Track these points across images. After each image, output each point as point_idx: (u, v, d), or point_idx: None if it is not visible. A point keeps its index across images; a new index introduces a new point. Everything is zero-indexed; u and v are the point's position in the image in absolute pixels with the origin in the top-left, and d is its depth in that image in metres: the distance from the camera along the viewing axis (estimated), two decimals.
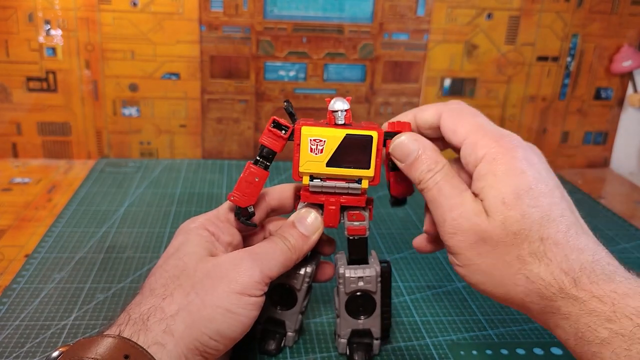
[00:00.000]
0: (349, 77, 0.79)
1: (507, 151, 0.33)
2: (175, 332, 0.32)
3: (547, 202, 0.32)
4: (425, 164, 0.36)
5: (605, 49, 0.81)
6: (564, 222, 0.32)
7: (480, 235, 0.33)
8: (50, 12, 0.71)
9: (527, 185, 0.32)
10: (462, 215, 0.33)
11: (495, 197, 0.32)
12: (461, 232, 0.33)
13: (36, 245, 0.56)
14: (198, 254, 0.36)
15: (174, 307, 0.33)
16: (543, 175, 0.33)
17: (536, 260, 0.31)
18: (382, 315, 0.41)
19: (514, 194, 0.32)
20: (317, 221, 0.39)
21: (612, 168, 0.87)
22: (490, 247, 0.32)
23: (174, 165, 0.78)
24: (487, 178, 0.33)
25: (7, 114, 0.75)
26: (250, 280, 0.34)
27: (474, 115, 0.37)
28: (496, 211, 0.32)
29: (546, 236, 0.31)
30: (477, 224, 0.33)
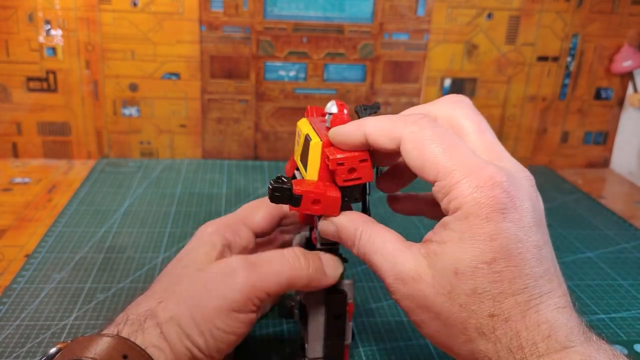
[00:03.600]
0: (349, 77, 0.79)
1: (482, 209, 0.27)
2: (168, 340, 0.32)
3: (509, 276, 0.27)
4: (348, 239, 0.33)
5: (605, 49, 0.81)
6: (524, 296, 0.27)
7: (421, 302, 0.29)
8: (50, 12, 0.71)
9: (491, 256, 0.27)
10: (397, 281, 0.30)
11: (450, 265, 0.28)
12: (400, 298, 0.30)
13: (36, 245, 0.56)
14: (201, 262, 0.35)
15: (167, 313, 0.32)
16: (519, 236, 0.28)
17: (483, 338, 0.28)
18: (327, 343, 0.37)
19: (470, 266, 0.27)
20: (339, 270, 0.36)
21: (612, 168, 0.87)
22: (433, 314, 0.29)
23: (174, 165, 0.78)
24: (451, 236, 0.28)
25: (7, 114, 0.75)
26: (240, 296, 0.32)
27: (446, 142, 0.29)
28: (444, 280, 0.28)
29: (498, 312, 0.27)
30: (418, 287, 0.29)
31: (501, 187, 0.28)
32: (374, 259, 0.31)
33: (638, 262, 0.59)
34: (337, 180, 0.32)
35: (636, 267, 0.58)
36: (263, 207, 0.40)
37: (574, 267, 0.57)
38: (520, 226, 0.28)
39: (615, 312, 0.50)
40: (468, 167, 0.28)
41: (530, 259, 0.28)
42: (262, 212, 0.40)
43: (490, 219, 0.27)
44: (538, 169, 0.85)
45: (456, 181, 0.28)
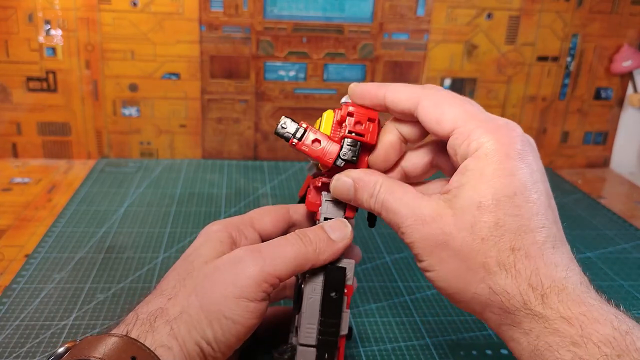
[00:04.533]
0: (349, 77, 0.79)
1: (502, 147, 0.30)
2: (178, 336, 0.31)
3: (528, 212, 0.29)
4: (365, 191, 0.34)
5: (605, 49, 0.81)
6: (542, 234, 0.29)
7: (440, 239, 0.30)
8: (50, 12, 0.71)
9: (512, 190, 0.29)
10: (417, 222, 0.31)
11: (471, 199, 0.29)
12: (418, 240, 0.31)
13: (36, 245, 0.56)
14: (207, 255, 0.35)
15: (177, 309, 0.32)
16: (534, 178, 0.30)
17: (503, 271, 0.29)
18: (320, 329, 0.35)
19: (494, 198, 0.29)
20: (347, 229, 0.35)
21: (612, 168, 0.87)
22: (452, 251, 0.30)
23: (174, 165, 0.78)
24: (471, 175, 0.30)
25: (7, 114, 0.75)
26: (249, 282, 0.32)
27: (461, 101, 0.32)
28: (467, 213, 0.29)
29: (519, 247, 0.29)
30: (437, 225, 0.30)
31: (516, 132, 0.31)
32: (393, 205, 0.32)
33: (638, 262, 0.59)
34: (343, 130, 0.34)
35: (636, 267, 0.58)
36: (272, 211, 0.40)
37: None
38: (534, 170, 0.30)
39: None
40: (483, 117, 0.31)
41: (545, 202, 0.30)
42: (270, 216, 0.40)
43: (510, 156, 0.29)
44: None
45: (475, 126, 0.30)
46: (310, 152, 0.35)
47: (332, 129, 0.35)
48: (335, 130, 0.35)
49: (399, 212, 0.32)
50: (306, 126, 0.35)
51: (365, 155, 0.36)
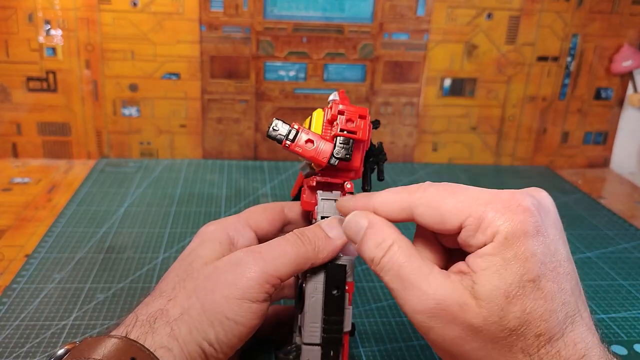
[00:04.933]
0: (349, 77, 0.79)
1: (518, 225, 0.28)
2: (179, 337, 0.31)
3: (551, 291, 0.27)
4: (377, 237, 0.31)
5: (605, 49, 0.81)
6: (563, 311, 0.28)
7: (470, 330, 0.28)
8: (50, 12, 0.71)
9: (535, 273, 0.27)
10: (443, 305, 0.28)
11: (498, 288, 0.27)
12: (443, 326, 0.28)
13: (36, 245, 0.56)
14: (206, 257, 0.35)
15: (178, 310, 0.32)
16: (553, 248, 0.28)
17: (527, 358, 0.27)
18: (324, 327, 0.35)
19: (519, 285, 0.27)
20: None
21: (612, 168, 0.87)
22: (481, 343, 0.28)
23: (174, 165, 0.78)
24: (493, 260, 0.28)
25: (7, 114, 0.75)
26: (250, 283, 0.32)
27: (452, 192, 0.30)
28: (494, 305, 0.27)
29: (544, 332, 0.27)
30: (466, 317, 0.27)
31: (527, 206, 0.28)
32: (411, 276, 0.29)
33: (638, 262, 0.59)
34: (334, 128, 0.34)
35: (636, 267, 0.58)
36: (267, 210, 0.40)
37: None
38: (552, 240, 0.29)
39: (616, 312, 0.50)
40: (486, 200, 0.29)
41: (563, 272, 0.28)
42: (266, 215, 0.40)
43: (528, 234, 0.28)
44: (538, 169, 0.85)
45: (482, 213, 0.28)
46: (304, 152, 0.34)
47: (323, 128, 0.35)
48: (327, 129, 0.35)
49: (418, 287, 0.29)
50: (298, 127, 0.35)
51: (358, 153, 0.36)
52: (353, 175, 0.37)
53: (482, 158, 0.85)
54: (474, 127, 0.83)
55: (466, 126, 0.83)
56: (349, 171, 0.36)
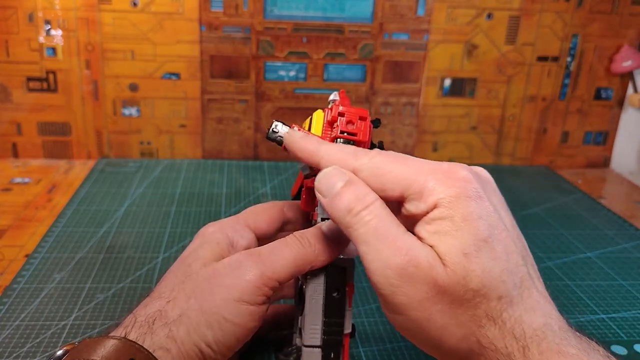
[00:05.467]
0: (349, 77, 0.79)
1: (460, 191, 0.28)
2: (177, 338, 0.31)
3: (504, 252, 0.28)
4: (359, 191, 0.30)
5: (605, 49, 0.81)
6: (518, 274, 0.28)
7: (436, 290, 0.27)
8: (50, 12, 0.71)
9: (484, 233, 0.28)
10: (415, 261, 0.27)
11: (456, 247, 0.27)
12: (412, 284, 0.27)
13: (36, 245, 0.56)
14: (206, 258, 0.35)
15: (177, 311, 0.32)
16: (497, 213, 0.29)
17: (492, 323, 0.27)
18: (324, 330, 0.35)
19: (474, 244, 0.27)
20: None
21: (612, 168, 0.87)
22: (446, 305, 0.27)
23: (174, 165, 0.78)
24: (440, 225, 0.28)
25: (7, 114, 0.75)
26: (249, 285, 0.32)
27: (395, 160, 0.30)
28: (456, 263, 0.27)
29: (504, 294, 0.27)
30: (433, 274, 0.27)
31: (465, 174, 0.29)
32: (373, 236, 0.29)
33: (638, 262, 0.59)
34: (335, 130, 0.34)
35: (636, 267, 0.58)
36: (266, 210, 0.40)
37: (574, 267, 0.57)
38: (496, 203, 0.30)
39: (616, 312, 0.50)
40: (427, 170, 0.29)
41: (510, 237, 0.29)
42: (265, 215, 0.40)
43: (471, 197, 0.28)
44: (538, 169, 0.85)
45: (424, 182, 0.29)
46: None
47: (323, 130, 0.35)
48: (327, 131, 0.35)
49: (393, 241, 0.28)
50: (298, 128, 0.35)
51: None
52: None
53: (482, 158, 0.85)
54: (474, 127, 0.83)
55: (466, 126, 0.83)
56: None
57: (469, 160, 0.84)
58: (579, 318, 0.49)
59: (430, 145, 0.83)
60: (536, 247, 0.60)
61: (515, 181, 0.79)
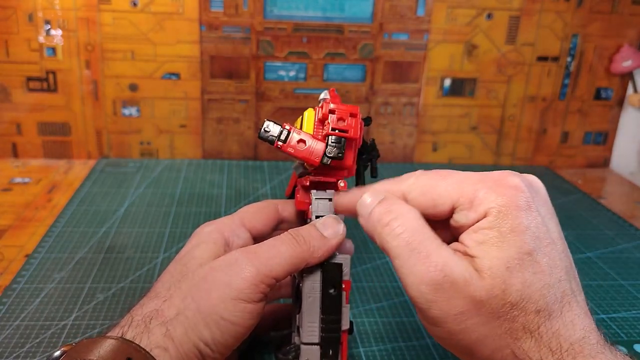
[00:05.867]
0: (349, 77, 0.79)
1: (510, 200, 0.28)
2: (174, 337, 0.31)
3: (548, 265, 0.28)
4: (390, 205, 0.31)
5: (605, 49, 0.81)
6: (560, 288, 0.28)
7: (473, 304, 0.27)
8: (50, 12, 0.71)
9: (530, 246, 0.28)
10: (450, 277, 0.27)
11: (499, 260, 0.27)
12: (447, 299, 0.27)
13: (36, 245, 0.56)
14: (202, 257, 0.35)
15: (173, 310, 0.32)
16: (546, 225, 0.29)
17: (528, 335, 0.27)
18: (322, 327, 0.35)
19: (517, 258, 0.27)
20: (340, 226, 0.35)
21: (612, 168, 0.87)
22: (483, 318, 0.27)
23: (174, 165, 0.78)
24: (489, 234, 0.28)
25: (7, 114, 0.75)
26: (246, 283, 0.32)
27: (442, 176, 0.31)
28: (497, 277, 0.27)
29: (543, 307, 0.27)
30: (470, 290, 0.27)
31: (517, 183, 0.29)
32: (407, 251, 0.29)
33: (638, 262, 0.59)
34: (326, 127, 0.34)
35: (636, 267, 0.58)
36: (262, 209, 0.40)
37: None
38: (544, 215, 0.29)
39: (616, 312, 0.50)
40: (476, 179, 0.30)
41: (557, 250, 0.29)
42: (260, 214, 0.40)
43: (520, 208, 0.28)
44: (538, 169, 0.85)
45: (474, 192, 0.29)
46: (296, 153, 0.35)
47: (314, 128, 0.36)
48: (318, 129, 0.35)
49: (427, 255, 0.28)
50: (289, 127, 0.35)
51: (350, 151, 0.36)
52: (346, 173, 0.37)
53: (482, 158, 0.85)
54: (474, 127, 0.83)
55: (466, 126, 0.83)
56: (342, 170, 0.36)
57: (469, 160, 0.84)
58: None
59: (430, 145, 0.83)
60: None
61: None
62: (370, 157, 0.39)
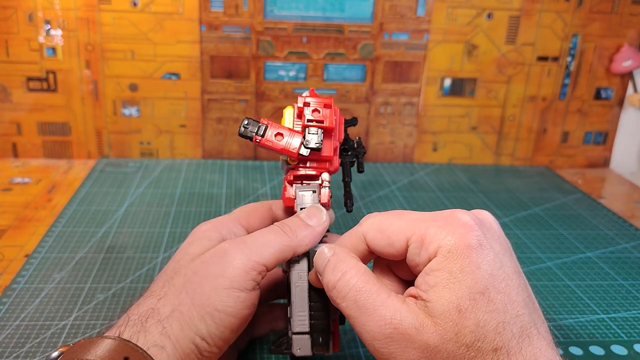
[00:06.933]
0: (349, 77, 0.79)
1: (460, 238, 0.28)
2: (171, 335, 0.31)
3: (502, 303, 0.27)
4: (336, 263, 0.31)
5: (605, 49, 0.81)
6: (517, 324, 0.27)
7: (428, 352, 0.27)
8: (50, 12, 0.71)
9: (483, 284, 0.27)
10: (400, 329, 0.27)
11: (450, 303, 0.27)
12: (401, 350, 0.27)
13: (36, 245, 0.56)
14: (194, 254, 0.35)
15: (168, 308, 0.32)
16: (500, 261, 0.28)
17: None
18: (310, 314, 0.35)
19: (470, 298, 0.27)
20: (322, 214, 0.36)
21: (612, 168, 0.87)
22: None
23: (174, 165, 0.78)
24: (440, 275, 0.28)
25: (7, 114, 0.75)
26: (237, 271, 0.32)
27: (398, 216, 0.31)
28: (449, 321, 0.27)
29: (500, 345, 0.27)
30: (423, 338, 0.27)
31: (467, 221, 0.29)
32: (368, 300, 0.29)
33: (638, 262, 0.59)
34: (302, 120, 0.36)
35: (636, 267, 0.58)
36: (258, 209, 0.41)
37: (574, 267, 0.57)
38: (497, 251, 0.29)
39: (616, 312, 0.50)
40: (428, 218, 0.30)
41: (513, 285, 0.28)
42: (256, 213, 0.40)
43: (471, 247, 0.28)
44: (538, 169, 0.85)
45: (425, 228, 0.29)
46: (274, 145, 0.36)
47: (294, 123, 0.37)
48: (296, 123, 0.37)
49: (374, 312, 0.28)
50: (267, 122, 0.36)
51: (329, 142, 0.37)
52: (328, 165, 0.37)
53: (482, 158, 0.85)
54: (474, 127, 0.83)
55: (466, 126, 0.83)
56: (323, 162, 0.37)
57: (469, 160, 0.84)
58: (579, 318, 0.49)
59: (431, 145, 0.83)
60: (536, 247, 0.60)
61: (515, 181, 0.79)
62: (356, 153, 0.40)
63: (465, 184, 0.77)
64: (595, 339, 0.46)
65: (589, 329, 0.47)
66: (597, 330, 0.47)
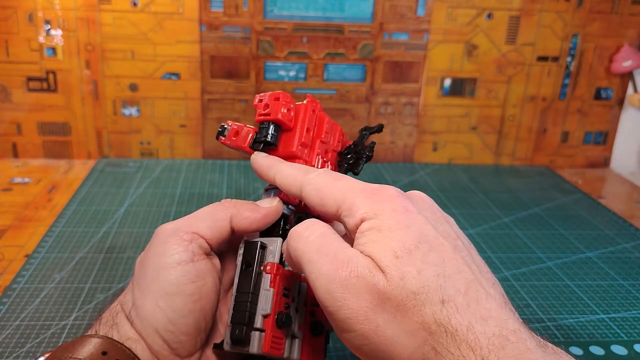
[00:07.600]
0: (349, 77, 0.79)
1: (385, 205, 0.29)
2: (137, 329, 0.32)
3: (439, 257, 0.27)
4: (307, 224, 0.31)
5: (605, 49, 0.81)
6: (461, 281, 0.27)
7: (379, 298, 0.26)
8: (50, 12, 0.71)
9: (414, 240, 0.27)
10: (356, 272, 0.27)
11: (386, 251, 0.27)
12: (355, 296, 0.27)
13: (36, 245, 0.56)
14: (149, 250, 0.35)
15: (129, 303, 0.33)
16: (430, 226, 0.29)
17: (442, 330, 0.26)
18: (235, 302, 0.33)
19: (403, 248, 0.27)
20: (274, 201, 0.36)
21: (612, 168, 0.87)
22: (391, 313, 0.26)
23: (174, 165, 0.78)
24: (369, 235, 0.28)
25: (7, 114, 0.75)
26: (168, 245, 0.32)
27: (340, 178, 0.32)
28: (391, 266, 0.27)
29: (446, 298, 0.26)
30: (374, 281, 0.27)
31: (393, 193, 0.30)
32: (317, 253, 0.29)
33: (638, 262, 0.59)
34: (256, 117, 0.37)
35: (636, 267, 0.58)
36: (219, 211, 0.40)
37: (574, 267, 0.57)
38: (428, 218, 0.30)
39: (616, 312, 0.50)
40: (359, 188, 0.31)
41: (450, 246, 0.28)
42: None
43: (397, 212, 0.29)
44: (538, 169, 0.85)
45: (353, 199, 0.30)
46: (232, 143, 0.37)
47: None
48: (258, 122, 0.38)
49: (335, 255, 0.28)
50: (229, 123, 0.38)
51: (290, 137, 0.37)
52: (302, 163, 0.36)
53: (482, 158, 0.85)
54: (474, 127, 0.83)
55: (466, 126, 0.83)
56: (291, 159, 0.36)
57: (469, 160, 0.84)
58: (579, 318, 0.49)
59: (431, 145, 0.83)
60: (536, 247, 0.60)
61: (515, 181, 0.79)
62: (357, 156, 0.40)
63: (466, 184, 0.77)
64: (595, 339, 0.46)
65: (589, 329, 0.47)
66: (597, 330, 0.47)
